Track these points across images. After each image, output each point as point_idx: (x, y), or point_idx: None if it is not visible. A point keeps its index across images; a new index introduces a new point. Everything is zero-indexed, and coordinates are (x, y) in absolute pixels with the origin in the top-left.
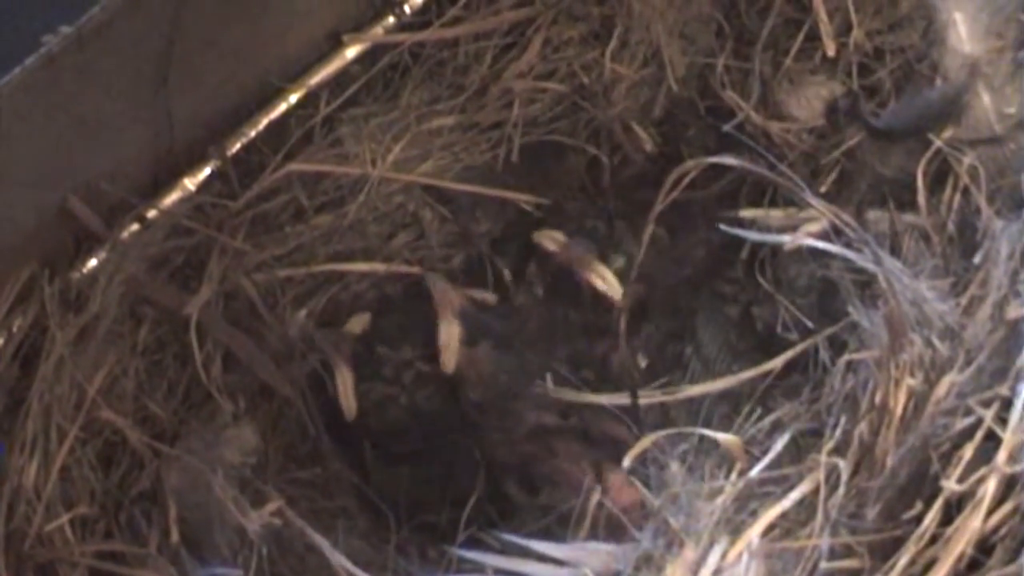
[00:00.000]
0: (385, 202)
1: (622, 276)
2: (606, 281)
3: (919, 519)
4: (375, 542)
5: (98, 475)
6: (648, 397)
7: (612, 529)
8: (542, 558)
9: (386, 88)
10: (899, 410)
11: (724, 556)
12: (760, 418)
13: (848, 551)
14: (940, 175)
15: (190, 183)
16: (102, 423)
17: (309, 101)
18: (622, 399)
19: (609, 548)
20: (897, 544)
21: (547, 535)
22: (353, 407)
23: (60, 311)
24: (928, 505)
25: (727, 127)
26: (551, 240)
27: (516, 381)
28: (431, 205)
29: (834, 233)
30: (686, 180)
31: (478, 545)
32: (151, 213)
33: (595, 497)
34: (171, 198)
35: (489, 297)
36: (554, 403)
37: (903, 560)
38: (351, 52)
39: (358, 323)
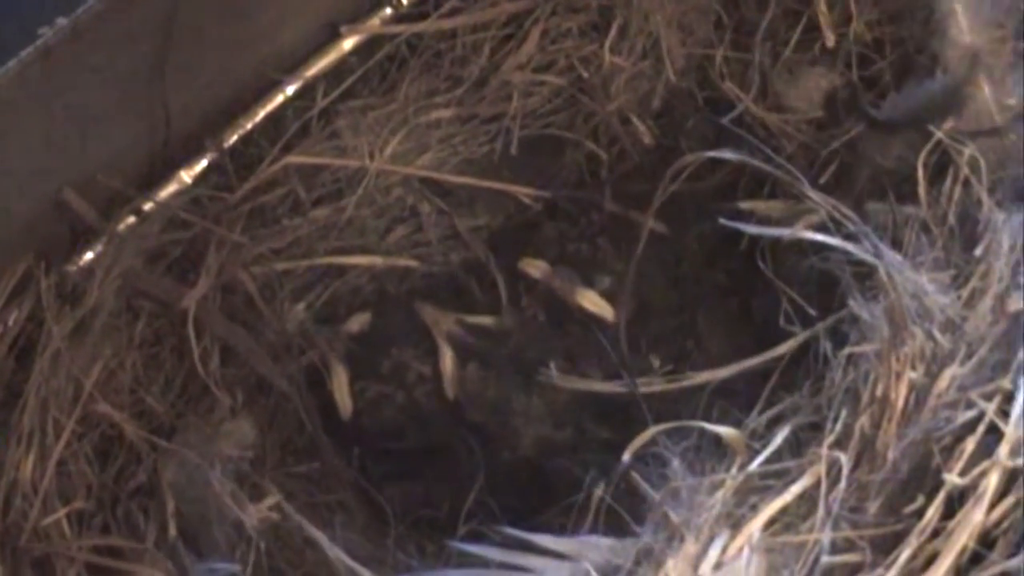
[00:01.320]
0: (383, 195)
1: (610, 295)
2: (595, 304)
3: (921, 513)
4: (373, 536)
5: (95, 469)
6: (649, 385)
7: (613, 523)
8: (543, 552)
9: (383, 80)
10: (900, 403)
11: (725, 550)
12: (761, 412)
13: (849, 545)
14: (941, 167)
15: (186, 175)
16: (99, 417)
17: (306, 93)
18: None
19: (610, 542)
20: (899, 538)
21: (547, 529)
22: (348, 405)
23: (56, 304)
24: (930, 499)
25: (726, 119)
26: (535, 268)
27: (507, 397)
28: (429, 198)
29: (833, 225)
30: (685, 173)
31: (478, 539)
32: (147, 206)
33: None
34: (168, 190)
35: (487, 320)
36: (548, 415)
37: (905, 554)
38: (348, 43)
39: (357, 322)
